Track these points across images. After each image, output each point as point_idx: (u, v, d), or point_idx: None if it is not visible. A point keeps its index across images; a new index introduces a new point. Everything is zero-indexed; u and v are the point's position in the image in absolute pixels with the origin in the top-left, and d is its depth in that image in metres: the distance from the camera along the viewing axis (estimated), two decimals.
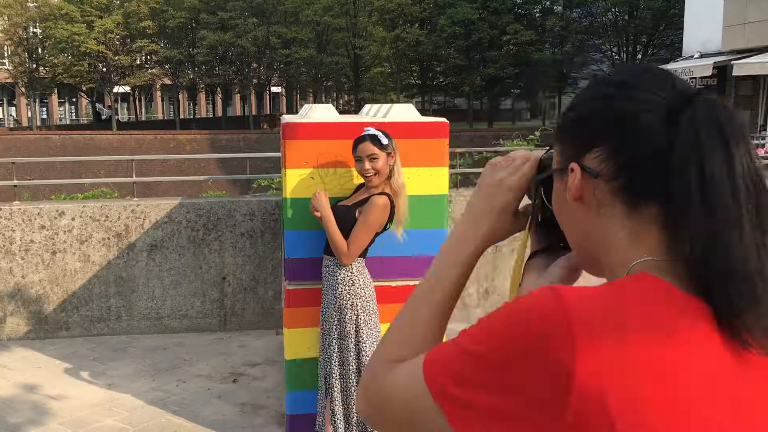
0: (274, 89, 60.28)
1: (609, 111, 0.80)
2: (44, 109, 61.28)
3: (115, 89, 49.34)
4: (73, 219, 5.81)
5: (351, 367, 3.53)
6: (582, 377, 0.66)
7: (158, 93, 61.71)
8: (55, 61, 45.85)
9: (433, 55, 45.60)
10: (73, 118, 61.84)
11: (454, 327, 3.64)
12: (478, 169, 8.62)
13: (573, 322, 0.69)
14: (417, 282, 3.46)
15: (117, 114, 54.99)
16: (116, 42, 46.05)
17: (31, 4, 46.04)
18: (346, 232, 3.53)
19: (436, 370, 0.78)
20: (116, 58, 45.64)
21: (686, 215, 0.72)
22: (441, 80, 52.78)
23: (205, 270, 6.00)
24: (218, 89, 52.76)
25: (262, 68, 51.49)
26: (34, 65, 47.87)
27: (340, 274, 3.56)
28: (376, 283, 3.97)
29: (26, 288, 5.82)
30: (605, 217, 0.80)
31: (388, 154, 3.48)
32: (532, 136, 10.40)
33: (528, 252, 1.03)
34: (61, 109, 62.78)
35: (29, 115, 55.93)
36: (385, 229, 3.60)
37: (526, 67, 44.50)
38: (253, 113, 54.24)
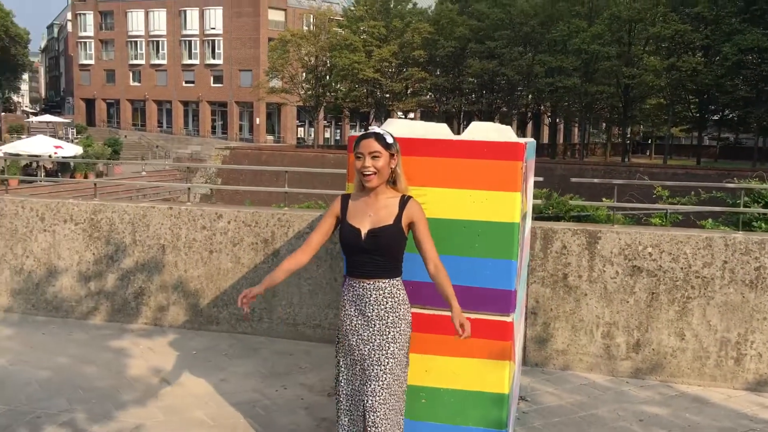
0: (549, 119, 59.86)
1: None
2: (338, 131, 68.11)
3: (399, 114, 52.94)
4: (228, 222, 6.28)
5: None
6: None
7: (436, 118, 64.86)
8: (338, 87, 50.50)
9: (713, 85, 41.64)
10: None
11: (594, 379, 3.37)
12: (701, 207, 7.65)
13: None
14: (475, 315, 3.17)
15: None
16: (391, 70, 49.30)
17: (323, 36, 51.23)
18: (400, 251, 3.32)
19: None
20: (390, 84, 48.82)
21: None
22: (725, 114, 48.04)
23: (340, 282, 6.08)
24: (496, 115, 53.40)
25: (530, 96, 51.39)
26: (321, 90, 53.10)
27: (400, 294, 3.33)
28: (429, 311, 3.71)
29: (187, 281, 6.40)
30: None
31: (391, 155, 3.25)
32: None
33: None
34: (352, 131, 69.30)
35: (326, 136, 62.42)
36: None
37: None
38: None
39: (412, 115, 59.36)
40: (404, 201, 3.29)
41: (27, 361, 5.48)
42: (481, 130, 3.76)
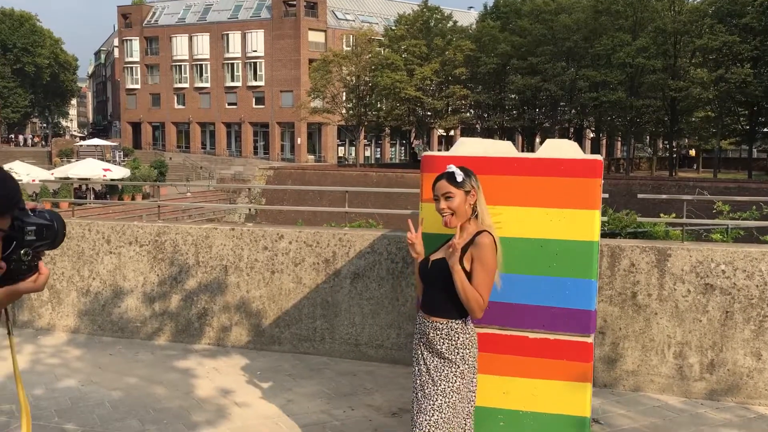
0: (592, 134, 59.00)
1: None
2: (378, 149, 68.49)
3: (440, 132, 52.98)
4: (290, 243, 6.31)
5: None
6: None
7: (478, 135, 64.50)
8: (379, 106, 50.77)
9: (763, 97, 40.70)
10: (402, 157, 67.94)
11: (667, 400, 4.96)
12: (765, 222, 7.44)
13: None
14: (554, 336, 3.15)
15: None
16: (432, 87, 49.44)
17: (364, 56, 51.65)
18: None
19: None
20: (431, 102, 48.93)
21: None
22: None
23: (401, 302, 6.05)
24: (538, 131, 52.82)
25: (573, 111, 50.92)
26: (362, 109, 53.43)
27: (459, 338, 3.22)
28: (506, 332, 3.66)
29: (249, 302, 6.45)
30: None
31: (466, 192, 3.16)
32: None
33: None
34: (392, 149, 69.45)
35: (366, 154, 62.70)
36: None
37: None
38: None
39: (453, 132, 59.38)
40: (474, 236, 3.15)
41: (97, 382, 5.56)
42: (556, 148, 3.71)
